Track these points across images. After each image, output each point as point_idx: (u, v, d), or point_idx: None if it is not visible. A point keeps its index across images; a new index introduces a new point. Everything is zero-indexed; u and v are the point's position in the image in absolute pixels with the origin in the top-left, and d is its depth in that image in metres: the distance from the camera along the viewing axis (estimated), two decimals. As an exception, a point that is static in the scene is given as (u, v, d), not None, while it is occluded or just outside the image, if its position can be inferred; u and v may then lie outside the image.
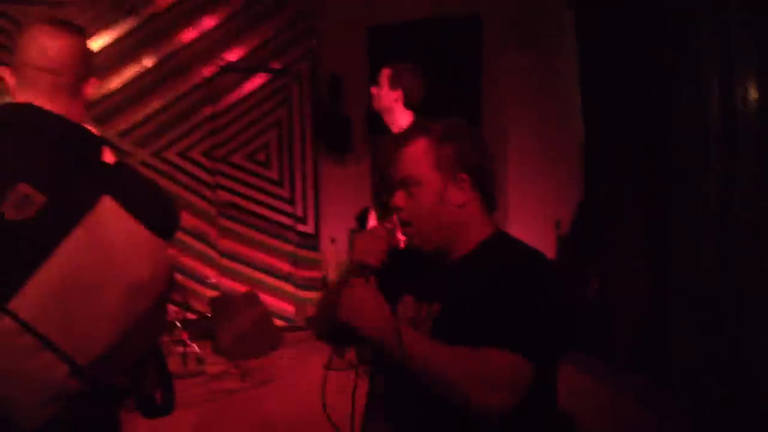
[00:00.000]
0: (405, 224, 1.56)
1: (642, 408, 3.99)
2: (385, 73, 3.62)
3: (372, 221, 3.89)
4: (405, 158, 1.56)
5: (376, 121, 6.05)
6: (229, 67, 5.91)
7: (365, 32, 6.15)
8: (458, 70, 5.98)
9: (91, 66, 1.69)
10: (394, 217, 1.60)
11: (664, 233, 4.36)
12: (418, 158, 1.54)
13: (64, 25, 1.63)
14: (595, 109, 5.29)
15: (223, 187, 5.97)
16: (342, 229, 6.01)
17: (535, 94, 5.56)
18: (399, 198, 1.57)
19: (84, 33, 1.66)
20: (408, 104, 3.61)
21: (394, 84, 3.58)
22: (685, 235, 4.09)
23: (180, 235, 5.86)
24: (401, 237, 1.58)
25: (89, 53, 1.70)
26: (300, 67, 6.07)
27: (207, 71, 5.86)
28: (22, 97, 1.58)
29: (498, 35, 5.68)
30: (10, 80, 1.62)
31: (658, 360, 4.30)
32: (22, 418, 1.36)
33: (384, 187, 3.70)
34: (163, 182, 5.81)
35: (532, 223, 5.57)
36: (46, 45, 1.59)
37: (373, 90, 3.68)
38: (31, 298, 1.36)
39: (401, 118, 3.61)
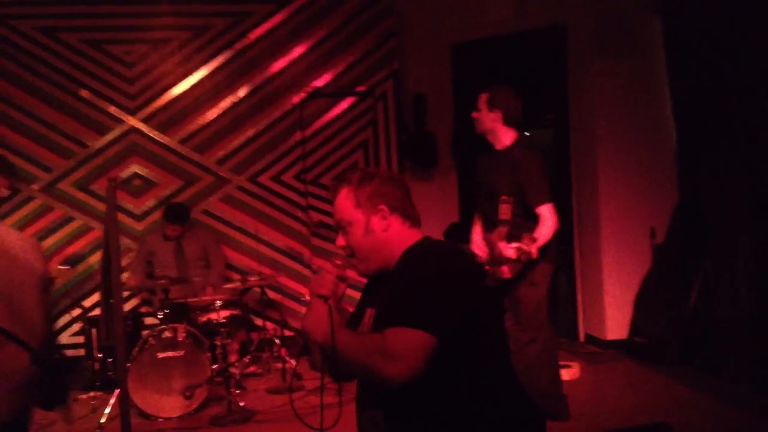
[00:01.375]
0: (350, 257, 1.88)
1: (746, 418, 3.82)
2: (483, 98, 3.79)
3: (476, 234, 3.98)
4: (336, 207, 1.89)
5: (461, 138, 6.17)
6: (317, 93, 6.13)
7: (449, 50, 6.24)
8: (543, 82, 5.97)
9: None
10: (342, 252, 1.91)
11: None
12: (343, 204, 1.87)
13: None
14: (687, 112, 5.15)
15: (314, 208, 6.17)
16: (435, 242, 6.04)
17: (624, 100, 5.46)
18: (340, 239, 1.91)
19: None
20: (508, 122, 3.76)
21: (492, 106, 3.74)
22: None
23: (275, 256, 6.10)
24: (348, 269, 1.88)
25: None
26: (384, 87, 6.22)
27: (296, 98, 6.10)
28: None
29: (583, 44, 5.63)
30: None
31: (763, 370, 4.11)
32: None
33: (487, 201, 3.79)
34: (258, 206, 6.08)
35: (626, 233, 5.45)
36: None
37: (474, 115, 3.83)
38: None
39: (504, 136, 3.78)
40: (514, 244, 3.39)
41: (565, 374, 4.72)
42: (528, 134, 6.97)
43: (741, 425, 3.75)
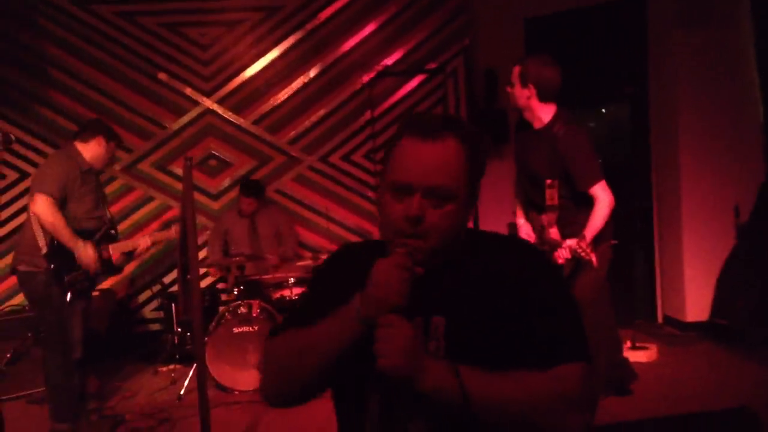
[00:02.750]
0: (415, 236, 1.28)
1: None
2: (515, 72, 3.43)
3: (520, 218, 3.78)
4: (440, 161, 1.29)
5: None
6: (386, 71, 6.11)
7: (522, 24, 6.08)
8: (621, 56, 5.75)
9: None
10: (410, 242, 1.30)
11: None
12: (454, 166, 1.30)
13: None
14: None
15: (384, 187, 6.16)
16: (502, 223, 5.97)
17: (707, 73, 5.20)
18: (422, 208, 1.28)
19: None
20: (544, 97, 3.39)
21: (524, 81, 3.38)
22: None
23: (346, 234, 6.15)
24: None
25: None
26: (455, 64, 6.14)
27: (366, 77, 6.09)
28: None
29: (664, 15, 5.39)
30: None
31: None
32: None
33: (529, 184, 3.58)
34: (329, 185, 6.13)
35: (708, 211, 5.22)
36: None
37: (508, 89, 3.50)
38: None
39: (542, 113, 3.43)
40: (569, 242, 3.14)
41: (643, 356, 4.60)
42: (604, 110, 6.81)
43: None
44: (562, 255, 3.16)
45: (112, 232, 4.12)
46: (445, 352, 1.27)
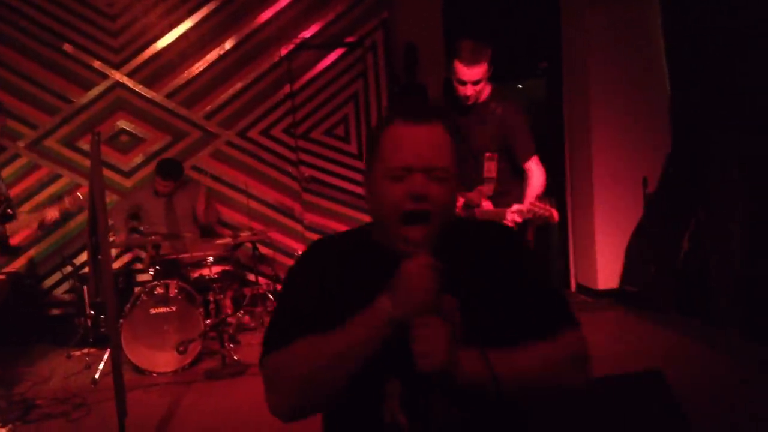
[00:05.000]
0: (416, 216, 1.32)
1: (736, 365, 3.87)
2: (482, 69, 3.32)
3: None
4: (433, 143, 1.35)
5: (452, 88, 6.07)
6: (305, 44, 6.01)
7: (440, -1, 6.09)
8: (536, 31, 5.86)
9: None
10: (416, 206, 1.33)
11: (763, 185, 4.16)
12: (445, 148, 1.36)
13: None
14: (681, 60, 5.08)
15: (305, 163, 6.11)
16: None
17: (617, 48, 5.38)
18: (427, 188, 1.32)
19: None
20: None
21: (490, 67, 3.36)
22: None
23: (266, 211, 6.06)
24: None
25: None
26: (374, 38, 6.10)
27: (284, 49, 5.97)
28: None
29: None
30: None
31: (753, 316, 4.14)
32: None
33: (469, 159, 3.55)
34: (248, 161, 6.01)
35: (618, 182, 5.44)
36: None
37: (473, 91, 3.37)
38: None
39: (486, 91, 3.47)
40: (516, 207, 3.16)
41: (557, 324, 4.74)
42: (520, 86, 6.94)
43: (731, 372, 3.79)
44: (512, 219, 3.18)
45: (9, 211, 3.90)
46: (461, 327, 1.30)
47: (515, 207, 3.18)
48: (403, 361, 1.23)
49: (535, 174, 3.44)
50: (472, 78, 3.33)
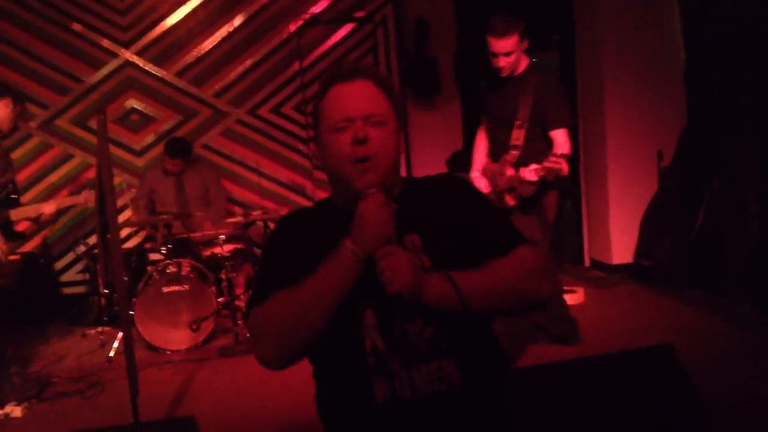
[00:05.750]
0: (363, 159, 1.45)
1: (751, 339, 3.83)
2: (513, 40, 3.52)
3: (474, 171, 3.91)
4: (367, 94, 1.49)
5: (464, 63, 6.00)
6: (314, 20, 5.95)
7: (450, -29, 5.99)
8: (548, 3, 5.75)
9: None
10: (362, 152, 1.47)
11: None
12: (374, 94, 1.49)
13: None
14: (696, 32, 4.98)
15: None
16: (433, 172, 5.99)
17: (631, 20, 5.26)
18: (366, 131, 1.45)
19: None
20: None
21: (521, 38, 3.56)
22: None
23: (278, 189, 6.06)
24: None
25: None
26: (384, 13, 6.02)
27: (293, 25, 5.92)
28: None
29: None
30: None
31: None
32: None
33: (502, 129, 3.69)
34: (259, 139, 5.99)
35: (632, 156, 5.36)
36: None
37: (506, 62, 3.55)
38: None
39: (522, 63, 3.66)
40: (534, 166, 3.35)
41: (570, 299, 4.69)
42: (535, 60, 6.83)
43: (746, 346, 3.75)
44: (528, 177, 3.39)
45: (13, 196, 3.91)
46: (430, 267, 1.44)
47: (532, 166, 3.38)
48: (375, 292, 1.36)
49: (560, 144, 3.55)
50: (503, 50, 3.53)
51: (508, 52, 3.53)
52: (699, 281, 4.81)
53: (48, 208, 3.93)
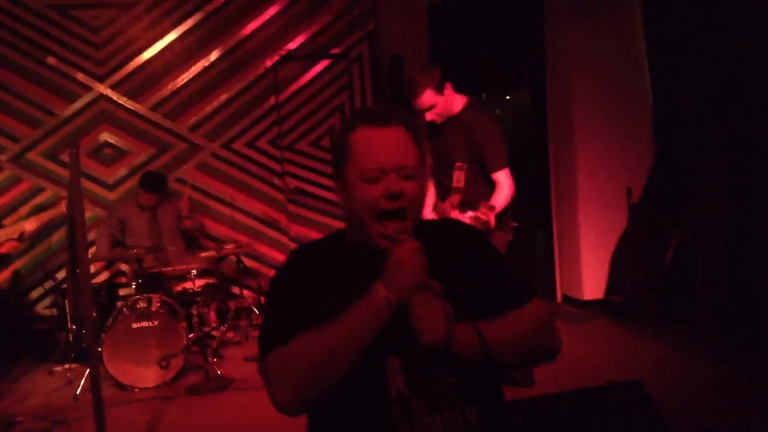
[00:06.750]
0: (393, 213, 1.44)
1: (722, 371, 3.86)
2: (428, 94, 3.45)
3: (428, 205, 3.85)
4: (401, 145, 1.45)
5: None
6: (291, 56, 6.01)
7: (425, 10, 6.10)
8: (520, 42, 5.88)
9: None
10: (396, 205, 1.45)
11: (746, 192, 4.18)
12: (412, 147, 1.47)
13: None
14: (663, 69, 5.11)
15: (290, 175, 6.09)
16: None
17: (600, 59, 5.39)
18: (400, 186, 1.42)
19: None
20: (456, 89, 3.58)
21: (440, 88, 3.47)
22: None
23: (252, 223, 6.03)
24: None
25: None
26: (360, 50, 6.10)
27: (269, 61, 5.97)
28: None
29: (559, 3, 5.54)
30: None
31: (740, 323, 4.15)
32: None
33: (443, 169, 3.63)
34: (233, 173, 5.99)
35: (603, 192, 5.44)
36: None
37: (431, 115, 3.52)
38: None
39: (456, 103, 3.57)
40: (470, 213, 3.27)
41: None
42: (508, 97, 6.96)
43: (716, 382, 3.78)
44: (469, 222, 3.24)
45: (-4, 220, 3.88)
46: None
47: (469, 213, 3.30)
48: (401, 338, 1.36)
49: (502, 186, 3.47)
50: (422, 106, 3.49)
51: (429, 106, 3.47)
52: (669, 317, 4.86)
53: (30, 225, 3.92)
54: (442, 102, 3.49)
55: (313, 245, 1.64)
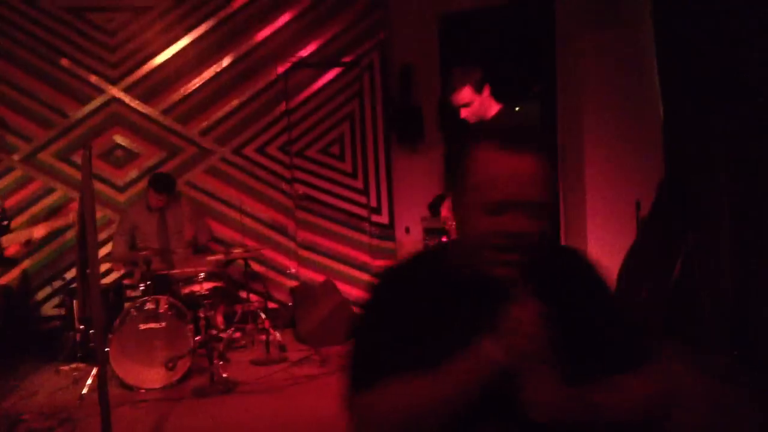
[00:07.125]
0: (508, 250, 1.29)
1: (727, 389, 3.85)
2: (467, 90, 3.62)
3: (446, 210, 3.90)
4: (533, 178, 1.29)
5: (447, 111, 6.10)
6: (302, 63, 6.05)
7: (436, 21, 6.14)
8: (531, 54, 5.91)
9: None
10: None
11: (753, 209, 4.18)
12: (543, 179, 1.31)
13: None
14: (674, 84, 5.11)
15: (299, 181, 6.13)
16: (416, 217, 6.05)
17: (610, 71, 5.40)
18: (524, 224, 1.28)
19: None
20: (495, 94, 3.73)
21: (479, 87, 3.63)
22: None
23: (260, 228, 6.06)
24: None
25: None
26: (371, 58, 6.14)
27: (281, 68, 6.01)
28: None
29: (571, 15, 5.56)
30: None
31: (745, 341, 4.14)
32: None
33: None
34: (243, 178, 6.02)
35: (611, 206, 5.43)
36: None
37: (466, 112, 3.66)
38: None
39: (491, 109, 3.71)
40: None
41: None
42: (518, 108, 6.97)
43: (722, 397, 3.77)
44: None
45: (4, 223, 3.91)
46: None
47: None
48: (499, 403, 1.22)
49: None
50: (459, 102, 3.63)
51: (466, 103, 3.62)
52: (676, 332, 4.85)
53: (38, 231, 3.95)
54: (479, 102, 3.63)
55: (402, 269, 1.48)
